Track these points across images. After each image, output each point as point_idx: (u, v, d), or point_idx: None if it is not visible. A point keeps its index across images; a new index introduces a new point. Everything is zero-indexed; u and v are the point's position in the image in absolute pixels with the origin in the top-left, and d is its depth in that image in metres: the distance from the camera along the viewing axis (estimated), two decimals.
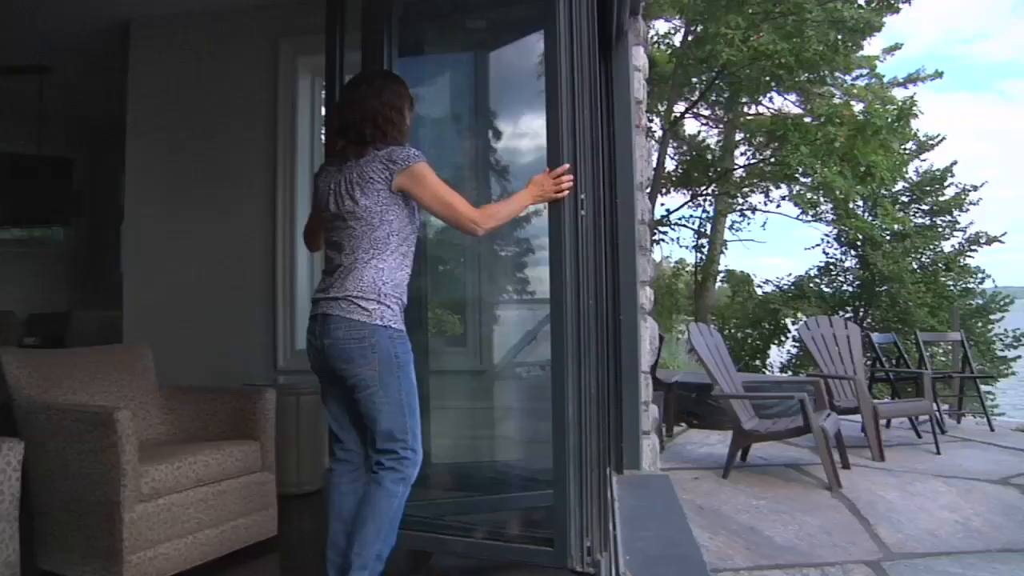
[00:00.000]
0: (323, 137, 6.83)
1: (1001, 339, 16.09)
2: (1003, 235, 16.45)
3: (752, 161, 17.40)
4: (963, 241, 16.57)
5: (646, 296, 5.00)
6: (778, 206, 17.14)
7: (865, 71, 17.41)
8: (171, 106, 5.44)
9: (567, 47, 3.14)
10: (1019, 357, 15.56)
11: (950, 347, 11.23)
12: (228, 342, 5.30)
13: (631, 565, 3.40)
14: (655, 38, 15.82)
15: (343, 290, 2.75)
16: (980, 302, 16.54)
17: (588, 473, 3.05)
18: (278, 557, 3.73)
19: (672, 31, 16.54)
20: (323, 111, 6.41)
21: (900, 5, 13.93)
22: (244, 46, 5.42)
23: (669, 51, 15.79)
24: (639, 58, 5.18)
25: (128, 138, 5.52)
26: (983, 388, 9.12)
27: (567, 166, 3.02)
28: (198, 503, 3.34)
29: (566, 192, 3.00)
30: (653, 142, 15.85)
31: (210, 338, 5.26)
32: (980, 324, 16.14)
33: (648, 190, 6.01)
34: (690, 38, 15.38)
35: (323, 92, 6.07)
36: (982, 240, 16.41)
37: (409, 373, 2.83)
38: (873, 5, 13.95)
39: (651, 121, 15.34)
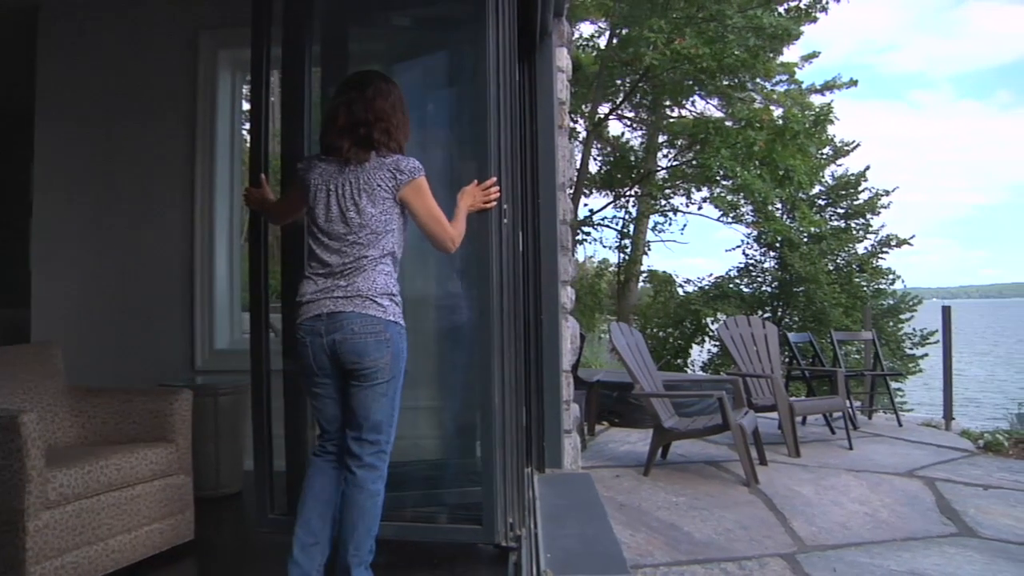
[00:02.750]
0: (245, 134, 6.69)
1: (910, 338, 16.67)
2: (912, 238, 17.10)
3: (674, 163, 17.65)
4: (875, 243, 17.16)
5: (567, 295, 5.03)
6: (699, 208, 17.42)
7: (784, 77, 17.84)
8: (83, 96, 5.24)
9: (495, 66, 3.35)
10: (926, 355, 16.13)
11: (863, 346, 11.58)
12: (143, 341, 5.15)
13: (552, 563, 3.42)
14: (580, 40, 15.93)
15: (354, 289, 2.81)
16: (891, 302, 17.11)
17: (510, 458, 3.31)
18: (195, 562, 3.65)
19: (597, 33, 16.67)
20: (244, 106, 6.29)
21: (817, 15, 14.28)
22: (162, 37, 5.26)
23: (594, 53, 15.90)
24: (562, 59, 5.21)
25: (37, 128, 5.29)
26: (893, 385, 9.44)
27: (495, 178, 3.23)
28: (110, 508, 3.23)
29: (494, 203, 3.22)
30: (577, 143, 15.96)
31: (124, 337, 5.11)
32: (891, 324, 16.69)
33: (571, 190, 6.05)
34: (615, 41, 15.51)
35: (244, 87, 5.97)
36: (893, 242, 17.01)
37: (404, 370, 2.95)
38: (792, 14, 14.27)
39: (575, 122, 15.43)
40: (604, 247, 18.79)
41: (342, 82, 3.13)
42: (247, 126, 6.72)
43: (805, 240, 15.65)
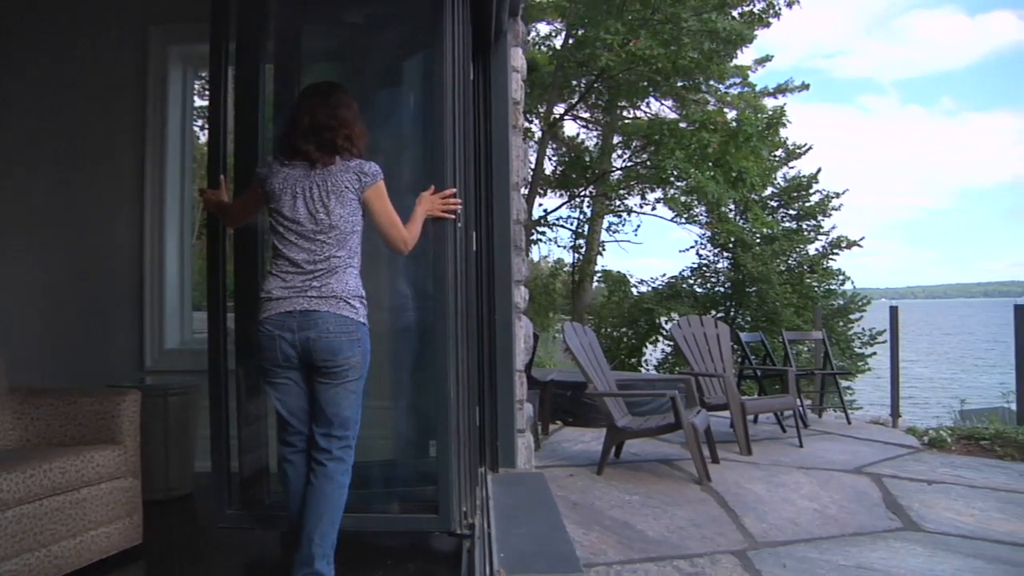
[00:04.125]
0: (197, 130, 6.59)
1: (859, 337, 16.96)
2: (862, 239, 17.39)
3: (629, 164, 17.75)
4: (826, 244, 17.40)
5: (521, 295, 5.03)
6: (653, 208, 17.56)
7: (738, 80, 18.03)
8: (28, 88, 5.11)
9: (451, 65, 3.49)
10: (875, 354, 16.43)
11: (813, 345, 11.76)
12: (90, 341, 5.06)
13: (505, 562, 3.42)
14: (536, 40, 15.95)
15: (328, 290, 2.94)
16: (841, 303, 17.39)
17: (464, 449, 3.52)
18: (143, 566, 3.57)
19: (553, 33, 16.72)
20: (197, 102, 6.19)
21: (771, 20, 14.45)
22: (110, 30, 5.16)
23: (550, 53, 15.92)
24: (517, 59, 5.21)
25: None
26: (842, 384, 9.60)
27: (454, 190, 3.43)
28: (53, 513, 3.14)
29: (451, 214, 3.42)
30: (532, 143, 15.97)
31: (70, 337, 5.01)
32: (841, 323, 16.97)
33: (525, 190, 6.06)
34: (571, 41, 15.55)
35: (196, 83, 5.88)
36: (843, 244, 17.26)
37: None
38: (745, 18, 14.42)
39: (530, 122, 15.43)
40: (559, 247, 18.89)
41: (305, 89, 3.24)
42: (199, 122, 6.63)
43: (757, 241, 15.85)
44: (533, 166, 15.90)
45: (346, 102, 3.08)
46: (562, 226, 18.23)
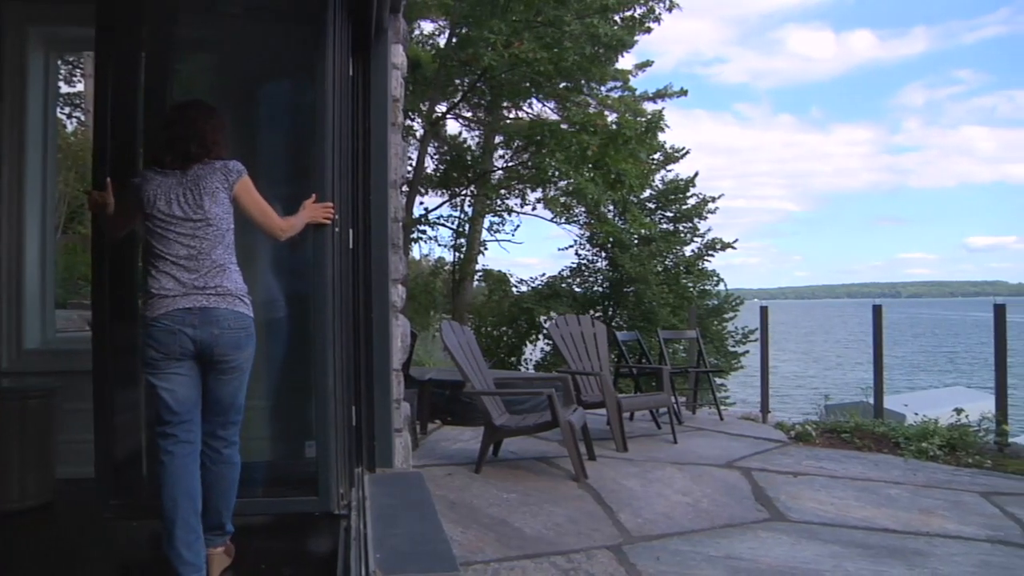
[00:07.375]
0: (63, 118, 6.24)
1: (732, 336, 17.60)
2: (735, 241, 18.05)
3: (510, 164, 17.86)
4: (701, 246, 17.99)
5: (398, 294, 4.97)
6: (534, 209, 17.75)
7: (618, 84, 18.39)
8: None
9: (332, 62, 3.63)
10: (747, 352, 17.06)
11: (688, 344, 12.10)
12: None
13: (382, 563, 3.37)
14: (419, 38, 15.84)
15: (222, 288, 3.10)
16: (715, 303, 18.00)
17: (342, 435, 3.79)
18: None
19: (436, 32, 16.64)
20: (63, 88, 5.85)
21: (651, 25, 14.76)
22: None
23: (433, 52, 15.83)
24: (398, 56, 5.15)
25: None
26: (716, 381, 9.91)
27: (333, 205, 3.68)
28: None
29: (328, 222, 3.67)
30: (413, 141, 15.86)
31: None
32: (715, 323, 17.56)
33: (405, 188, 5.99)
34: (454, 40, 15.50)
35: (63, 68, 5.56)
36: (717, 246, 17.88)
37: None
38: (627, 22, 14.67)
39: (412, 120, 15.32)
40: (440, 246, 18.86)
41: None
42: (66, 111, 6.28)
43: (635, 242, 16.21)
44: (414, 164, 15.80)
45: (205, 113, 3.24)
46: (443, 225, 18.23)
